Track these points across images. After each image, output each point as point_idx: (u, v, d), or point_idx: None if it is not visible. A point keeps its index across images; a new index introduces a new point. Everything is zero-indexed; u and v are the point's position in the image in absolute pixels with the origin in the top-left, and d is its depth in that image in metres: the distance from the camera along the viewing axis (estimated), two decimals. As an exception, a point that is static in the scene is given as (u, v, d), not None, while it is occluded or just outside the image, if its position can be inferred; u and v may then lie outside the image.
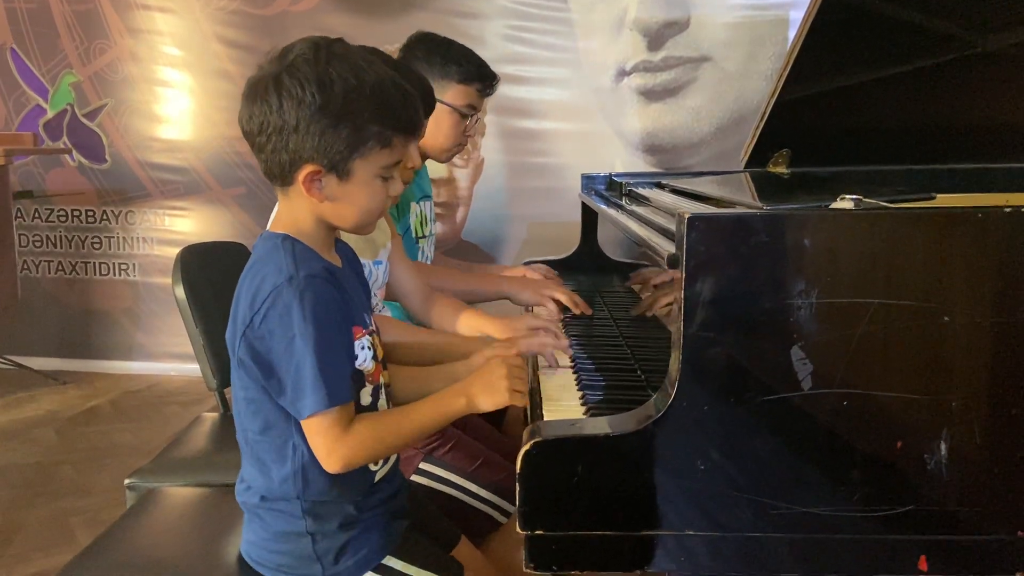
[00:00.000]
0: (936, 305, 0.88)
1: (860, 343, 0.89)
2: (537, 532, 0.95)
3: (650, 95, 3.57)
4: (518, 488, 0.94)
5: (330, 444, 1.07)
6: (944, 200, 1.15)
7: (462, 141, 1.91)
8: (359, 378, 1.14)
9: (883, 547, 0.93)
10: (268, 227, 1.18)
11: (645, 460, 0.92)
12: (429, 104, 1.60)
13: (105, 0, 3.73)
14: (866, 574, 0.94)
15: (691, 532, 0.93)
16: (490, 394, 1.13)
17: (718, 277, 0.90)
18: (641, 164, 3.61)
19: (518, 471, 0.94)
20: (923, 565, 0.93)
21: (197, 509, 1.42)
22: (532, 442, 0.93)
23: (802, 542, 0.93)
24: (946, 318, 0.89)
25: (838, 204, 1.00)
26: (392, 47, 1.96)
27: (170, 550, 1.30)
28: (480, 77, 1.86)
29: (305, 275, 1.06)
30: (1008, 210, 0.88)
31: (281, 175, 1.10)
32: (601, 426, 0.95)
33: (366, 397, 1.16)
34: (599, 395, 1.23)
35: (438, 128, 1.82)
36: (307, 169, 1.07)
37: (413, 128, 1.14)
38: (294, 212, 1.13)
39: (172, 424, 3.26)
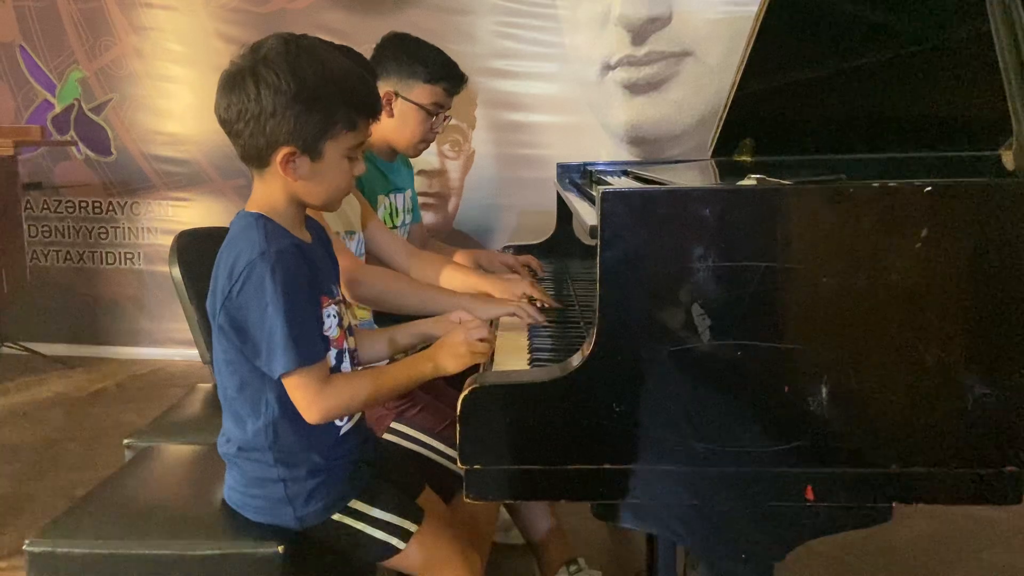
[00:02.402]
0: (814, 268, 1.02)
1: (750, 301, 1.03)
2: (475, 467, 1.09)
3: (634, 88, 3.69)
4: (458, 428, 1.08)
5: (310, 397, 1.21)
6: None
7: (429, 137, 2.03)
8: (325, 343, 1.28)
9: (775, 478, 1.07)
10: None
11: (568, 404, 1.06)
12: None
13: (110, -2, 3.89)
14: (758, 502, 1.08)
15: (608, 465, 1.07)
16: (453, 357, 1.28)
17: (629, 244, 1.03)
18: (626, 155, 3.73)
19: (458, 414, 1.08)
20: (809, 494, 1.07)
21: (188, 464, 1.56)
22: (470, 388, 1.08)
23: (702, 474, 1.07)
24: (824, 279, 1.02)
25: (745, 182, 1.13)
26: (368, 45, 2.09)
27: (163, 496, 1.44)
28: (446, 77, 1.99)
29: (276, 250, 1.19)
30: (876, 185, 1.01)
31: (258, 158, 1.23)
32: (530, 375, 1.09)
33: (330, 360, 1.29)
34: (545, 356, 1.37)
35: (405, 124, 1.96)
36: (283, 151, 1.20)
37: (374, 111, 1.28)
38: (268, 192, 1.26)
39: (175, 405, 3.42)
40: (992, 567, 2.20)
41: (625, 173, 2.19)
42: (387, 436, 1.63)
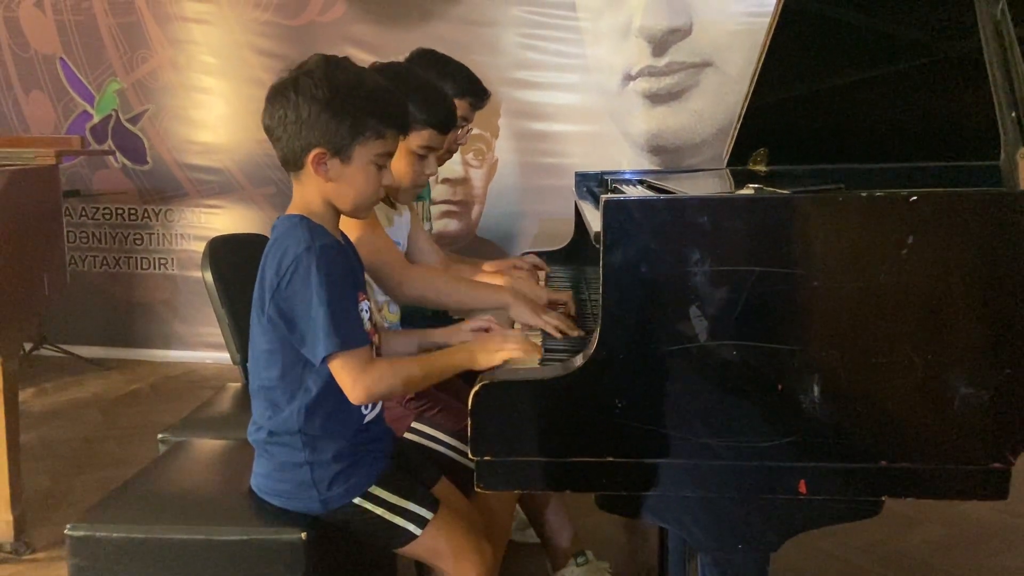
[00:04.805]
0: (806, 273, 1.08)
1: (745, 304, 1.09)
2: (486, 458, 1.15)
3: (655, 98, 3.75)
4: (470, 422, 1.15)
5: (354, 377, 1.31)
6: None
7: (452, 148, 2.15)
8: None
9: (769, 472, 1.12)
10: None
11: (572, 400, 1.13)
12: (451, 119, 1.81)
13: (147, 12, 4.00)
14: (754, 495, 1.13)
15: (610, 459, 1.14)
16: (484, 354, 1.35)
17: (629, 249, 1.10)
18: (647, 164, 3.78)
19: (469, 408, 1.15)
20: (803, 488, 1.12)
21: (218, 456, 1.65)
22: (480, 384, 1.14)
23: (701, 467, 1.13)
24: (815, 283, 1.08)
25: (743, 191, 1.19)
26: (395, 57, 2.18)
27: (193, 486, 1.53)
28: (471, 92, 2.11)
29: (320, 245, 1.31)
30: (863, 194, 1.07)
31: (294, 160, 1.35)
32: (536, 373, 1.16)
33: None
34: (557, 356, 1.43)
35: None
36: (315, 152, 1.32)
37: (402, 125, 1.40)
38: (306, 195, 1.38)
39: (206, 405, 3.53)
40: (1005, 572, 2.23)
41: (641, 182, 2.25)
42: (407, 435, 1.70)
